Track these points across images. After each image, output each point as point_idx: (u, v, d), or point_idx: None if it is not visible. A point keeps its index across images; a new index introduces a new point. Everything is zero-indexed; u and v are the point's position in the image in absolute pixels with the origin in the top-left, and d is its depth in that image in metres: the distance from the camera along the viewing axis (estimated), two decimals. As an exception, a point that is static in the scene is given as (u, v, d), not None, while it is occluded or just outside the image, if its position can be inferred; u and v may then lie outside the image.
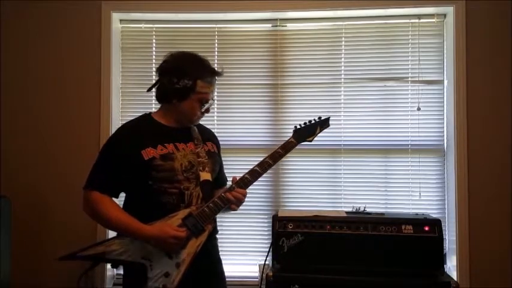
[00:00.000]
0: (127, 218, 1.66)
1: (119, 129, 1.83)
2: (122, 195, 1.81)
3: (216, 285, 1.87)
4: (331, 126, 2.62)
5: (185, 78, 1.73)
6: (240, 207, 1.78)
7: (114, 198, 1.74)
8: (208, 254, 1.78)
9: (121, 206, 1.76)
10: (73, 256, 1.64)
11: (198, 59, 1.81)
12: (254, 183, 1.78)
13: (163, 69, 1.79)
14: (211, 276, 1.82)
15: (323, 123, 1.92)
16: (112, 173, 1.71)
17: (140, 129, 1.78)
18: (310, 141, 1.89)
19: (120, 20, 2.78)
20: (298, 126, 1.88)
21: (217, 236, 1.90)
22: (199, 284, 1.74)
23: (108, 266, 2.54)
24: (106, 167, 1.72)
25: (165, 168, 1.69)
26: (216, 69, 1.82)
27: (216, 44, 2.78)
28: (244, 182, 1.75)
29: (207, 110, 1.82)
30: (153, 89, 1.82)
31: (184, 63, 1.77)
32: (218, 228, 1.90)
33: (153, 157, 1.69)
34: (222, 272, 1.91)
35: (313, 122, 1.90)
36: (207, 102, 1.78)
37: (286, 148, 1.83)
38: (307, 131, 1.88)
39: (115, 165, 1.71)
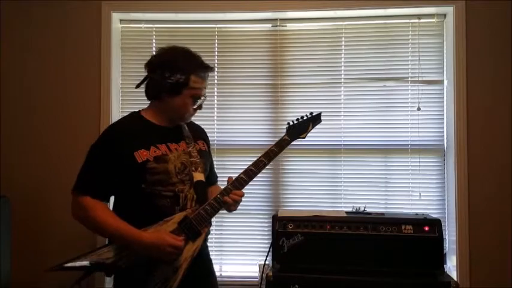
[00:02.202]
0: (122, 225, 1.57)
1: (108, 130, 1.72)
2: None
3: (210, 286, 1.84)
4: (330, 126, 2.62)
5: (178, 72, 1.65)
6: (238, 207, 1.75)
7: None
8: (201, 254, 1.73)
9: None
10: (61, 267, 1.55)
11: (190, 54, 1.72)
12: (253, 183, 1.76)
13: (154, 64, 1.71)
14: (206, 277, 1.80)
15: (315, 119, 1.88)
16: (104, 176, 1.62)
17: (131, 129, 1.69)
18: (304, 137, 1.86)
19: (120, 20, 2.78)
20: (291, 123, 1.85)
21: (217, 236, 1.89)
22: (196, 286, 1.71)
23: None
24: (97, 170, 1.63)
25: (159, 171, 1.62)
26: (208, 64, 1.74)
27: (216, 44, 2.77)
28: (240, 182, 1.70)
29: (200, 107, 1.75)
30: (142, 85, 1.75)
31: (177, 58, 1.69)
32: (218, 228, 1.89)
33: (147, 160, 1.61)
34: (214, 273, 1.88)
35: (305, 118, 1.86)
36: (199, 98, 1.71)
37: (280, 146, 1.79)
38: (300, 128, 1.85)
39: (107, 168, 1.61)
